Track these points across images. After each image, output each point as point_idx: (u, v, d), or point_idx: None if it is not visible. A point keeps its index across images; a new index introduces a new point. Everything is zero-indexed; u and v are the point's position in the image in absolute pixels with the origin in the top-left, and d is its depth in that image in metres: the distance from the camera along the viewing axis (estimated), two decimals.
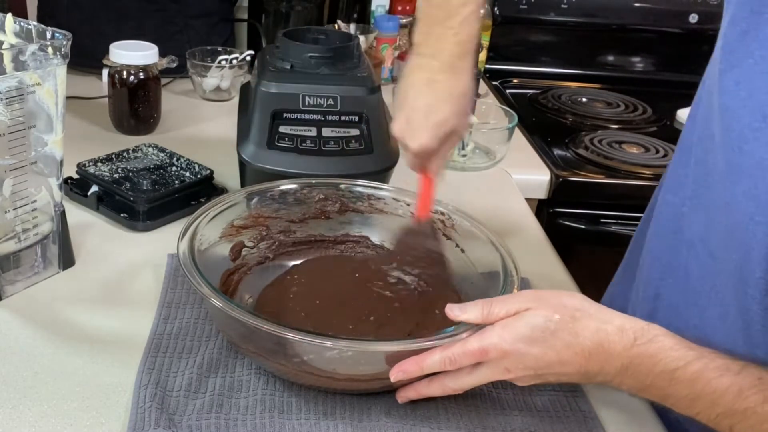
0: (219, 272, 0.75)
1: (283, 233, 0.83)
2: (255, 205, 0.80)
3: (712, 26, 1.69)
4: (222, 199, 0.77)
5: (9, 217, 0.73)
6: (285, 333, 0.57)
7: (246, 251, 0.80)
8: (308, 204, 0.83)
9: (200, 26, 1.42)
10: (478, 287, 0.73)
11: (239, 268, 0.78)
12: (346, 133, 0.91)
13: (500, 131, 1.20)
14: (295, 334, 0.57)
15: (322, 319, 0.71)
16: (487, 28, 1.57)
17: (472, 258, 0.77)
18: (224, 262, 0.77)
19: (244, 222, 0.79)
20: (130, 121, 1.16)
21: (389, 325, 0.71)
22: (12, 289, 0.76)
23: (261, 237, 0.81)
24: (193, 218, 0.72)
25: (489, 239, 0.74)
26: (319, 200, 0.83)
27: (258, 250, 0.81)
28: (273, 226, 0.82)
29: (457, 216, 0.79)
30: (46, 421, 0.61)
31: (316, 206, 0.83)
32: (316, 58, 0.93)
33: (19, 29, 0.72)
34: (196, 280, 0.63)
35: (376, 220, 0.84)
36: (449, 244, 0.79)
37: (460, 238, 0.78)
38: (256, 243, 0.81)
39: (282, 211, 0.82)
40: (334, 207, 0.83)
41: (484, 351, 0.57)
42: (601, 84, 1.71)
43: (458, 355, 0.58)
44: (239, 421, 0.62)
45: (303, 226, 0.83)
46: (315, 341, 0.58)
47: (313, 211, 0.83)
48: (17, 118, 0.69)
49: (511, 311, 0.57)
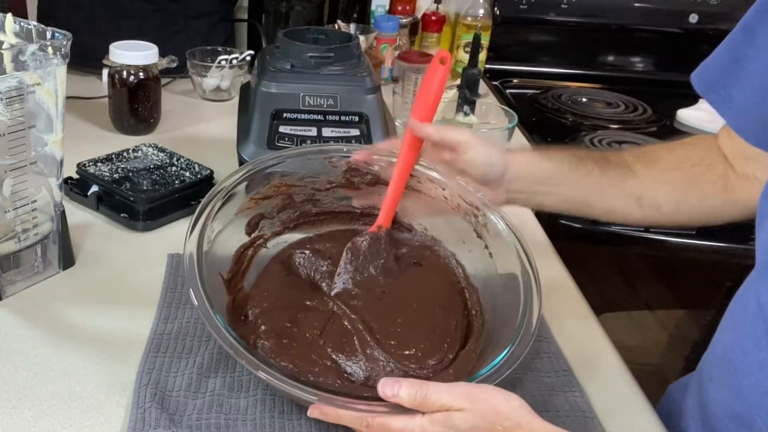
0: (231, 254, 0.72)
1: (307, 202, 0.78)
2: (278, 174, 0.74)
3: (712, 26, 1.69)
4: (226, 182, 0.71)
5: (9, 217, 0.73)
6: (257, 372, 0.55)
7: (264, 222, 0.75)
8: (336, 172, 0.77)
9: (200, 26, 1.42)
10: (498, 297, 0.70)
11: (255, 241, 0.75)
12: (346, 133, 0.91)
13: (500, 131, 1.20)
14: (277, 380, 0.55)
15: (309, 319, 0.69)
16: (487, 28, 1.57)
17: (497, 262, 0.72)
18: (239, 241, 0.73)
19: (264, 193, 0.74)
20: (130, 121, 1.16)
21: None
22: (12, 289, 0.76)
23: (282, 206, 0.76)
24: (198, 212, 0.68)
25: (515, 245, 0.70)
26: (348, 169, 0.77)
27: (278, 220, 0.76)
28: (296, 194, 0.77)
29: (491, 214, 0.73)
30: (46, 421, 0.61)
31: (345, 176, 0.78)
32: (316, 58, 0.93)
33: (19, 29, 0.72)
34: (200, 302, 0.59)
35: (408, 197, 0.78)
36: (478, 243, 0.74)
37: (490, 239, 0.74)
38: (276, 213, 0.76)
39: (307, 179, 0.77)
40: (364, 178, 0.78)
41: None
42: (601, 84, 1.71)
43: (377, 426, 0.56)
44: (239, 421, 0.62)
45: (328, 195, 0.78)
46: (297, 392, 0.55)
47: (341, 180, 0.78)
48: (17, 118, 0.69)
49: (445, 406, 0.55)
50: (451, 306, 0.72)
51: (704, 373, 0.71)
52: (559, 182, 0.77)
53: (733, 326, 0.66)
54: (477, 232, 0.75)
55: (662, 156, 0.80)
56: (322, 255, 0.76)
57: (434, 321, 0.69)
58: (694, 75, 0.73)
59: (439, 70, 0.75)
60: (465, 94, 1.15)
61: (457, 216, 0.76)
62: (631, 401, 0.70)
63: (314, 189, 0.78)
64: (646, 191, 0.78)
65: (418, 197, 0.78)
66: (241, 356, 0.55)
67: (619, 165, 0.79)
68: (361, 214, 0.81)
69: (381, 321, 0.69)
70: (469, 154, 0.75)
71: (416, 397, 0.55)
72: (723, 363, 0.66)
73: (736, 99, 0.69)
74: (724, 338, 0.67)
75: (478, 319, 0.71)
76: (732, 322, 0.66)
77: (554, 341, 0.76)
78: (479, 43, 1.14)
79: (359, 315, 0.69)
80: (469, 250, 0.76)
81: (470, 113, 1.17)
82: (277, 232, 0.77)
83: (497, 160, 0.75)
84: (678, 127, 1.52)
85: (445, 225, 0.78)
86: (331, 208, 0.80)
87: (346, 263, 0.73)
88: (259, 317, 0.68)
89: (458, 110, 1.17)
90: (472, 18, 1.57)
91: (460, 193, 0.75)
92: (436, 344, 0.67)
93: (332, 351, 0.65)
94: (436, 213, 0.79)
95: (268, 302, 0.70)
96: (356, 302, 0.71)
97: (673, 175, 0.78)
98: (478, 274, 0.75)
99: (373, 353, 0.65)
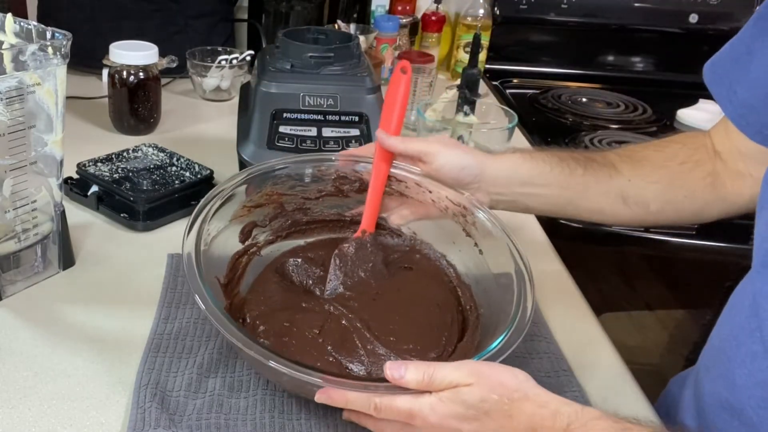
0: (227, 259, 0.73)
1: (298, 210, 0.80)
2: (269, 182, 0.76)
3: (712, 26, 1.69)
4: (224, 185, 0.73)
5: (9, 217, 0.73)
6: (268, 361, 0.55)
7: (257, 230, 0.77)
8: (325, 181, 0.79)
9: (200, 26, 1.42)
10: (491, 292, 0.71)
11: (249, 249, 0.76)
12: (346, 133, 0.91)
13: (500, 131, 1.20)
14: (277, 362, 0.55)
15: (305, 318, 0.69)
16: (487, 28, 1.57)
17: (488, 259, 0.74)
18: (234, 246, 0.74)
19: (257, 201, 0.76)
20: (130, 121, 1.16)
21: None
22: (12, 289, 0.76)
23: (274, 215, 0.78)
24: (194, 216, 0.69)
25: (505, 240, 0.72)
26: (337, 177, 0.79)
27: (270, 229, 0.78)
28: (287, 203, 0.79)
29: (480, 213, 0.75)
30: (46, 421, 0.61)
31: (334, 184, 0.79)
32: (316, 58, 0.93)
33: (19, 29, 0.72)
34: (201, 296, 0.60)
35: (396, 202, 0.80)
36: (468, 241, 0.76)
37: (479, 236, 0.75)
38: (268, 221, 0.78)
39: (297, 188, 0.78)
40: (353, 186, 0.80)
41: (410, 415, 0.56)
42: (601, 84, 1.71)
43: (385, 405, 0.56)
44: (239, 421, 0.62)
45: (318, 204, 0.80)
46: (297, 374, 0.55)
47: (330, 188, 0.80)
48: (17, 118, 0.69)
49: (453, 383, 0.55)
50: (445, 303, 0.73)
51: (701, 364, 0.71)
52: (542, 182, 0.77)
53: (730, 318, 0.66)
54: (466, 231, 0.76)
55: (649, 155, 0.79)
56: (314, 262, 0.77)
57: (430, 318, 0.70)
58: (705, 66, 0.74)
59: (402, 80, 0.78)
60: (465, 94, 1.15)
61: (446, 218, 0.77)
62: (630, 401, 0.70)
63: (304, 198, 0.79)
64: (632, 189, 0.77)
65: (406, 202, 0.79)
66: (250, 347, 0.55)
67: (604, 164, 0.79)
68: (351, 221, 0.82)
69: (378, 319, 0.69)
70: (437, 162, 0.75)
71: (423, 378, 0.56)
72: (718, 354, 0.66)
73: (739, 94, 0.69)
74: (721, 331, 0.67)
75: (473, 314, 0.72)
76: (729, 315, 0.67)
77: (554, 341, 0.76)
78: (479, 43, 1.14)
79: (356, 314, 0.70)
80: (459, 250, 0.78)
81: (470, 113, 1.17)
82: (270, 241, 0.79)
83: (468, 162, 0.75)
84: (678, 127, 1.52)
85: (434, 227, 0.80)
86: (321, 217, 0.81)
87: (336, 269, 0.75)
88: (257, 319, 0.68)
89: (458, 110, 1.17)
90: (472, 18, 1.57)
91: (447, 195, 0.76)
92: (434, 338, 0.68)
93: (332, 349, 0.65)
94: (425, 216, 0.79)
95: (265, 305, 0.71)
96: (352, 303, 0.72)
97: (660, 174, 0.78)
98: (469, 272, 0.76)
99: (374, 348, 0.66)
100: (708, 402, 0.67)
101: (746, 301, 0.62)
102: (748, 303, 0.61)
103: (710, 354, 0.69)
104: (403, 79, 0.78)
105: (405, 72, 0.78)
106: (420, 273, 0.77)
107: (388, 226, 0.81)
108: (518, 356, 0.72)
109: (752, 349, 0.59)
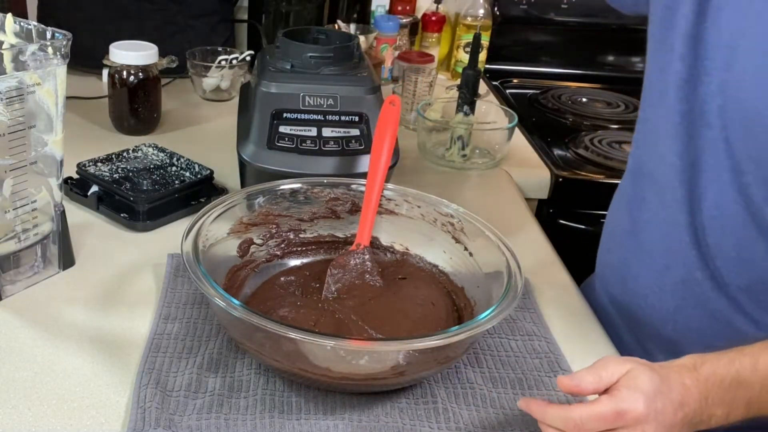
0: (225, 268, 0.75)
1: (292, 231, 0.83)
2: (264, 203, 0.80)
3: None
4: (227, 198, 0.77)
5: (9, 217, 0.73)
6: (268, 326, 0.58)
7: (255, 248, 0.80)
8: (318, 203, 0.83)
9: (200, 26, 1.42)
10: (484, 287, 0.74)
11: (247, 264, 0.79)
12: (346, 133, 0.91)
13: (500, 131, 1.20)
14: (284, 328, 0.58)
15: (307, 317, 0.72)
16: (487, 28, 1.57)
17: (478, 260, 0.77)
18: (231, 259, 0.77)
19: (254, 219, 0.79)
20: (130, 121, 1.16)
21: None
22: (12, 289, 0.76)
23: (270, 234, 0.81)
24: (197, 217, 0.72)
25: (495, 240, 0.75)
26: (330, 200, 0.83)
27: (267, 248, 0.81)
28: (283, 224, 0.82)
29: (466, 219, 0.79)
30: (46, 421, 0.61)
31: (326, 205, 0.83)
32: (316, 58, 0.93)
33: (19, 29, 0.72)
34: (197, 274, 0.63)
35: (387, 221, 0.84)
36: (458, 247, 0.79)
37: (468, 241, 0.78)
38: (265, 240, 0.81)
39: (292, 210, 0.82)
40: (345, 207, 0.83)
41: (619, 414, 0.53)
42: (601, 84, 1.70)
43: (586, 419, 0.53)
44: (239, 421, 0.62)
45: (313, 225, 0.84)
46: (305, 337, 0.58)
47: (323, 210, 0.83)
48: (17, 118, 0.69)
49: (623, 372, 0.55)
50: (439, 302, 0.75)
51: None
52: None
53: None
54: (455, 238, 0.80)
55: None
56: (311, 278, 0.79)
57: (425, 313, 0.73)
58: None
59: (391, 112, 0.82)
60: (465, 94, 1.15)
61: (436, 228, 0.81)
62: None
63: (299, 219, 0.83)
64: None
65: (397, 219, 0.83)
66: (267, 321, 0.58)
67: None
68: (345, 242, 0.84)
69: (373, 315, 0.72)
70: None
71: (594, 379, 0.55)
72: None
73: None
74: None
75: (467, 310, 0.75)
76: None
77: (554, 341, 0.76)
78: (479, 43, 1.14)
79: (351, 310, 0.72)
80: (451, 258, 0.81)
81: (470, 113, 1.17)
82: (267, 260, 0.81)
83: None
84: None
85: (425, 241, 0.83)
86: (317, 238, 0.84)
87: (332, 279, 0.77)
88: None
89: (458, 110, 1.17)
90: (472, 18, 1.57)
91: (435, 207, 0.81)
92: (431, 327, 0.70)
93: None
94: (415, 231, 0.83)
95: (263, 305, 0.73)
96: (348, 302, 0.74)
97: None
98: (462, 275, 0.79)
99: (370, 336, 0.68)
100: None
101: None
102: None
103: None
104: (392, 110, 0.82)
105: (394, 105, 0.82)
106: (414, 280, 0.80)
107: (381, 244, 0.84)
108: (518, 356, 0.73)
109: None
